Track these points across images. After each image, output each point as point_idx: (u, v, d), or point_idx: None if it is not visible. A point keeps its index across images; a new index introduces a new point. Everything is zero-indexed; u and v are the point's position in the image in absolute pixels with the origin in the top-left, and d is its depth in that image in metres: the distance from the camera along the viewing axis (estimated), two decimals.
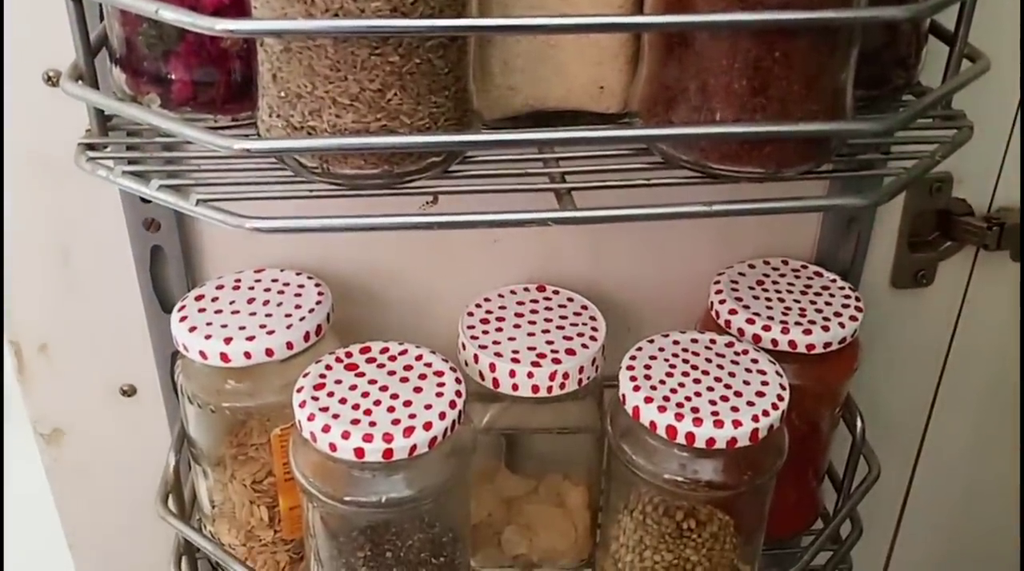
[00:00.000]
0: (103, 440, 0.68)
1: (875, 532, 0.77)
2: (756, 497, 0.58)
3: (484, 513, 0.64)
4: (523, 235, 0.64)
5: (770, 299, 0.61)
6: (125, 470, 0.68)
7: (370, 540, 0.57)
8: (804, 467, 0.65)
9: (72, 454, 0.69)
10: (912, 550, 0.80)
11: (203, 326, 0.56)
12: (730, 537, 0.59)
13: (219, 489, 0.62)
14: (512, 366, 0.56)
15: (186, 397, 0.58)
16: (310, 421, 0.51)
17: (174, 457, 0.59)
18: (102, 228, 0.60)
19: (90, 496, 0.70)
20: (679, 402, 0.53)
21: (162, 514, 0.57)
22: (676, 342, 0.58)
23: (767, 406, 0.53)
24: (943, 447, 0.75)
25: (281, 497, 0.59)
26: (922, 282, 0.69)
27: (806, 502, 0.67)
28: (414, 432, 0.50)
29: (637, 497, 0.59)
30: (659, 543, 0.58)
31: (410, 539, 0.57)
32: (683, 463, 0.54)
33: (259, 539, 0.61)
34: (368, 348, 0.56)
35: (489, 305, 0.62)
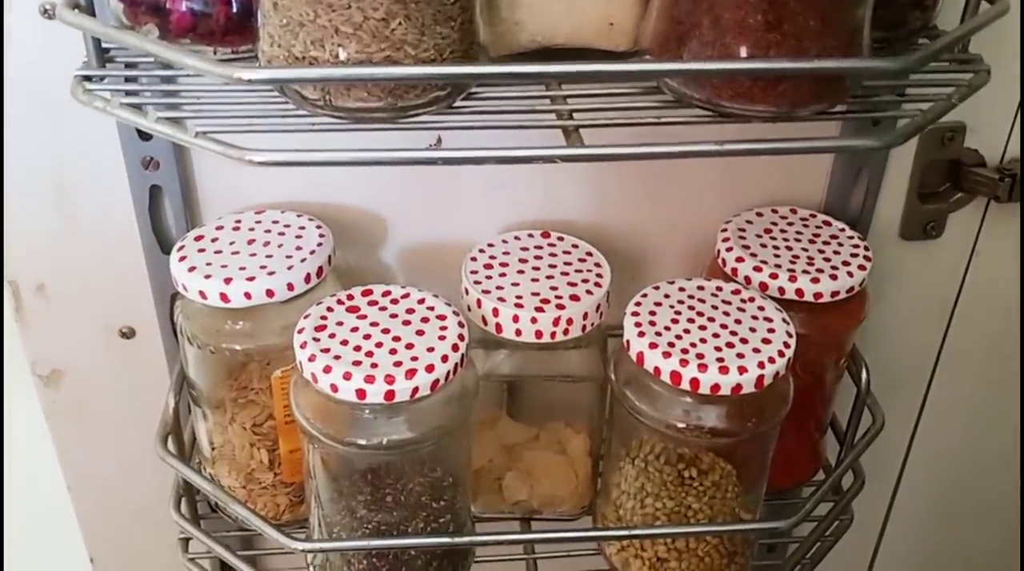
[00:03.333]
0: (102, 382, 0.68)
1: (877, 484, 0.76)
2: (759, 445, 0.58)
3: (485, 459, 0.64)
4: (527, 181, 0.63)
5: (777, 247, 0.60)
6: (124, 412, 0.68)
7: (371, 484, 0.56)
8: (808, 418, 0.65)
9: (71, 396, 0.68)
10: (914, 503, 0.80)
11: (203, 266, 0.55)
12: (732, 486, 0.59)
13: (219, 432, 0.61)
14: (515, 312, 0.56)
15: (185, 338, 0.57)
16: (311, 362, 0.50)
17: (173, 399, 0.58)
18: (100, 167, 0.59)
19: (89, 439, 0.70)
20: (684, 348, 0.52)
21: (161, 454, 0.57)
22: (682, 289, 0.57)
23: (773, 353, 0.52)
24: (947, 400, 0.74)
25: (281, 440, 0.59)
26: (931, 234, 0.68)
27: (809, 453, 0.67)
28: (416, 374, 0.50)
29: (639, 444, 0.58)
30: (660, 490, 0.58)
31: (411, 483, 0.57)
32: (687, 409, 0.53)
33: (259, 482, 0.61)
34: (370, 291, 0.55)
35: (493, 251, 0.61)
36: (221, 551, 0.58)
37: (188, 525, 0.60)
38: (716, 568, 0.59)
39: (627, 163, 0.63)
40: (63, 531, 0.76)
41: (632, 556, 0.59)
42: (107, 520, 0.74)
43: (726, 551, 0.59)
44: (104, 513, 0.73)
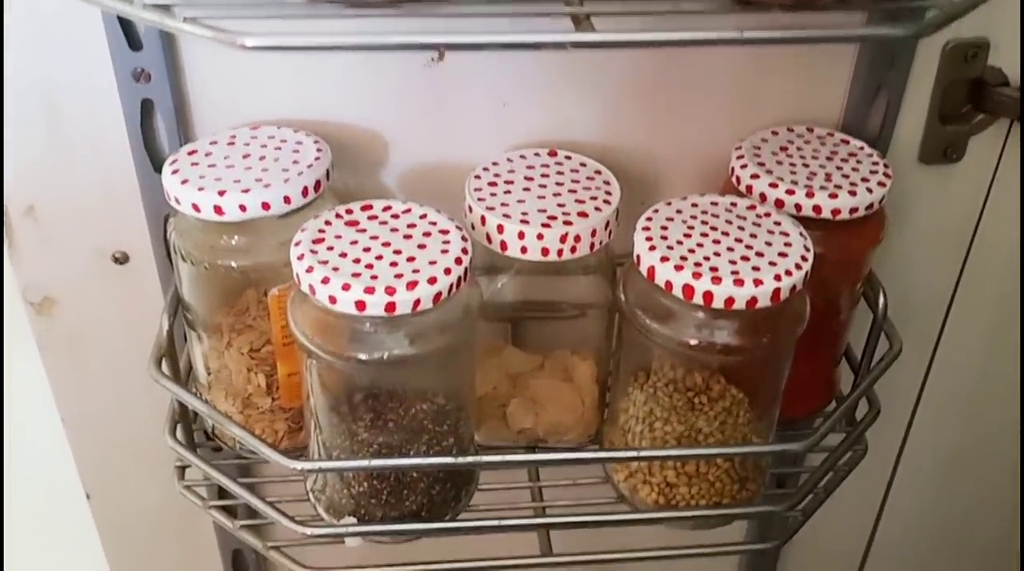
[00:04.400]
0: (95, 310, 0.66)
1: (892, 417, 0.74)
2: (772, 367, 0.56)
3: (489, 387, 0.62)
4: (533, 99, 0.61)
5: (794, 164, 0.58)
6: (119, 341, 0.66)
7: (371, 409, 0.55)
8: (822, 345, 0.63)
9: (64, 325, 0.66)
10: (929, 436, 0.78)
11: (196, 179, 0.53)
12: (743, 412, 0.57)
13: (215, 356, 0.60)
14: (521, 228, 0.54)
15: (179, 255, 0.55)
16: (308, 273, 0.48)
17: (167, 321, 0.57)
18: (90, 81, 0.57)
19: (83, 369, 0.68)
20: (697, 262, 0.50)
21: (155, 376, 0.55)
22: (695, 205, 0.55)
23: (790, 266, 0.50)
24: (965, 330, 0.72)
25: (279, 363, 0.57)
26: (951, 158, 0.66)
27: (822, 382, 0.65)
28: (417, 286, 0.48)
29: (649, 368, 0.56)
30: (670, 415, 0.56)
31: (413, 408, 0.55)
32: (699, 325, 0.51)
33: (256, 407, 0.59)
34: (370, 206, 0.53)
35: (497, 169, 0.59)
36: (217, 476, 0.56)
37: (183, 451, 0.58)
38: (727, 494, 0.57)
39: (638, 78, 0.60)
40: (58, 467, 0.74)
41: (640, 482, 0.58)
42: (102, 453, 0.72)
43: (737, 476, 0.57)
44: (99, 446, 0.72)
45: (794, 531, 0.59)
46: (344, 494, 0.55)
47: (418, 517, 0.55)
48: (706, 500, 0.57)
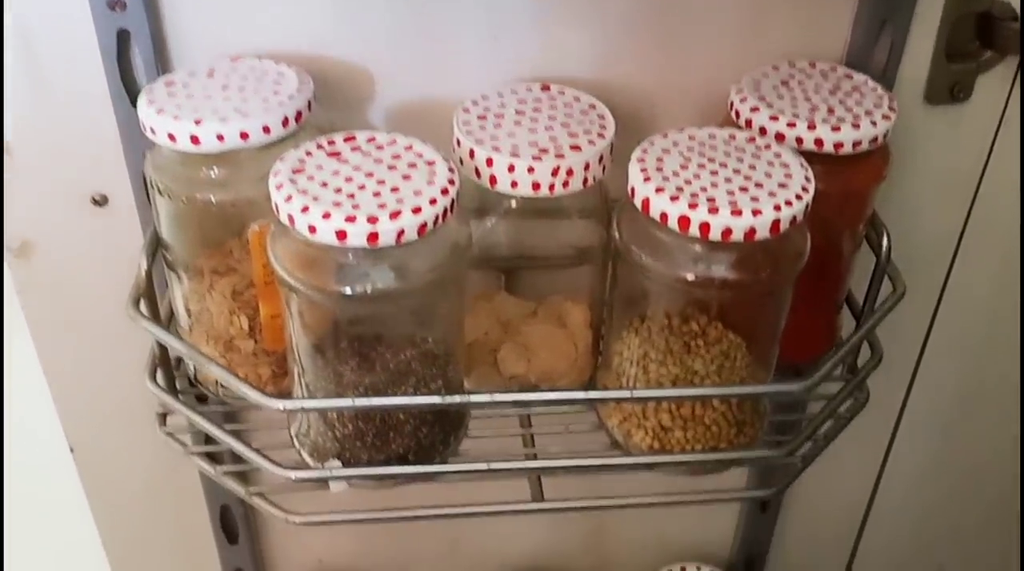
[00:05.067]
0: (75, 254, 0.64)
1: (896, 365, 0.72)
2: (771, 307, 0.54)
3: (480, 332, 0.60)
4: (525, 32, 0.59)
5: (795, 99, 0.56)
6: (99, 286, 0.64)
7: (357, 353, 0.53)
8: (823, 289, 0.61)
9: (43, 271, 0.64)
10: (933, 385, 0.75)
11: (172, 109, 0.51)
12: (741, 355, 0.56)
13: (196, 299, 0.58)
14: (511, 161, 0.52)
15: (156, 190, 0.53)
16: (288, 202, 0.46)
17: (145, 260, 0.55)
18: (63, 9, 0.55)
19: (64, 316, 0.66)
20: (694, 193, 0.48)
21: (132, 315, 0.53)
22: (692, 137, 0.53)
23: (790, 197, 0.48)
24: (971, 277, 0.70)
25: (262, 304, 0.55)
26: (958, 97, 0.64)
27: (823, 328, 0.63)
28: (401, 216, 0.46)
29: (644, 313, 0.55)
30: (665, 357, 0.54)
31: (400, 352, 0.53)
32: (696, 259, 0.49)
33: (239, 350, 0.57)
34: (353, 137, 0.51)
35: (487, 103, 0.56)
36: (199, 419, 0.55)
37: (164, 395, 0.56)
38: (723, 438, 0.55)
39: (635, 11, 0.58)
40: (42, 420, 0.73)
41: (634, 427, 0.56)
42: (85, 405, 0.71)
43: (734, 420, 0.55)
44: (82, 397, 0.70)
45: (793, 478, 0.58)
46: (328, 437, 0.54)
47: (405, 461, 0.54)
48: (702, 445, 0.55)
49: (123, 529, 0.79)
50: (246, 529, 0.78)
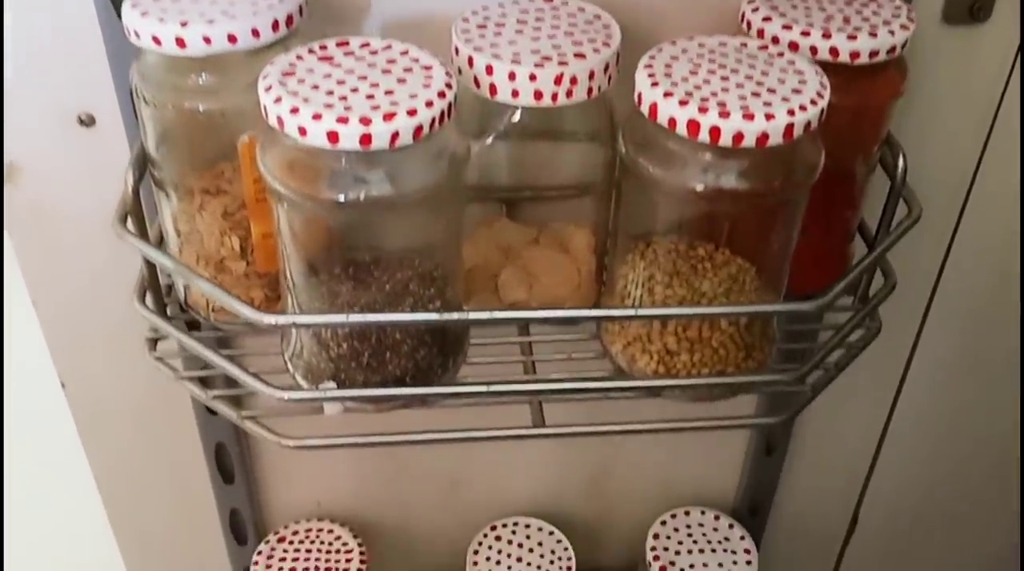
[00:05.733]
0: (62, 177, 0.62)
1: (909, 300, 0.70)
2: (782, 224, 0.52)
3: (480, 258, 0.58)
4: None
5: (809, 8, 0.53)
6: (87, 210, 0.62)
7: (352, 277, 0.51)
8: (836, 213, 0.59)
9: (29, 195, 0.62)
10: (949, 319, 0.73)
11: (157, 11, 0.48)
12: (750, 279, 0.54)
13: (185, 219, 0.56)
14: (512, 68, 0.49)
15: (142, 100, 0.51)
16: (277, 104, 0.44)
17: (132, 176, 0.52)
18: None
19: (52, 243, 0.64)
20: (704, 97, 0.46)
21: (118, 232, 0.51)
22: (702, 44, 0.50)
23: (804, 101, 0.46)
24: (989, 204, 0.68)
25: (253, 223, 0.53)
26: (978, 17, 0.61)
27: (835, 257, 0.61)
28: (396, 118, 0.44)
29: (650, 236, 0.53)
30: (672, 279, 0.53)
31: (397, 273, 0.51)
32: (706, 168, 0.47)
33: (230, 272, 0.55)
34: (346, 42, 0.49)
35: (487, 12, 0.54)
36: (188, 341, 0.53)
37: (153, 317, 0.54)
38: (731, 362, 0.53)
39: None
40: (32, 355, 0.71)
41: (639, 351, 0.54)
42: (76, 338, 0.69)
43: (743, 343, 0.53)
44: (72, 330, 0.69)
45: (802, 406, 0.56)
46: (322, 357, 0.52)
47: (401, 383, 0.52)
48: (709, 369, 0.53)
49: (117, 469, 0.77)
50: (242, 469, 0.77)
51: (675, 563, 0.79)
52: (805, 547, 0.89)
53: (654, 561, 0.79)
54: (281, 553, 0.78)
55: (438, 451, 0.80)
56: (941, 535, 0.91)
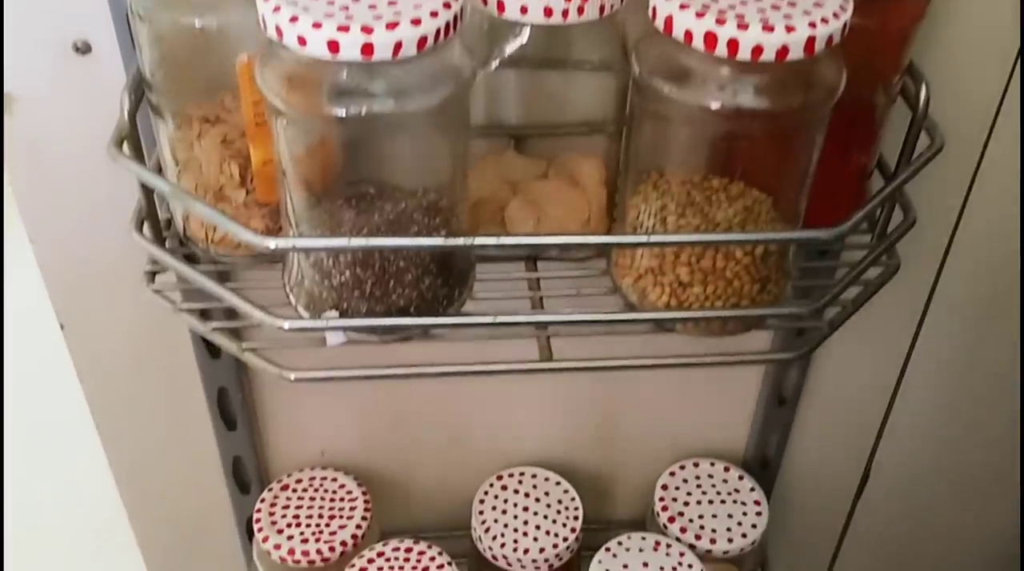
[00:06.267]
0: (59, 108, 0.60)
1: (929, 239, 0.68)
2: (799, 153, 0.50)
3: (486, 190, 0.57)
4: None
5: None
6: (84, 142, 0.60)
7: (354, 208, 0.49)
8: (854, 146, 0.57)
9: (25, 128, 0.61)
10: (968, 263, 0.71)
11: None
12: (766, 211, 0.52)
13: (183, 147, 0.54)
14: None
15: (137, 18, 0.49)
16: (275, 13, 0.42)
17: (128, 100, 0.51)
18: None
19: (47, 175, 0.63)
20: (722, 9, 0.44)
21: (114, 155, 0.49)
22: None
23: (827, 14, 0.44)
24: (1011, 147, 0.65)
25: (253, 148, 0.52)
26: None
27: (853, 192, 0.59)
28: (399, 27, 0.42)
29: (663, 167, 0.51)
30: (685, 209, 0.51)
31: (402, 202, 0.50)
32: (723, 84, 0.45)
33: (230, 201, 0.54)
34: None
35: None
36: (187, 271, 0.51)
37: (152, 246, 0.53)
38: (745, 295, 0.52)
39: None
40: (30, 296, 0.70)
41: (650, 285, 0.52)
42: (74, 277, 0.68)
43: (758, 275, 0.52)
44: (70, 268, 0.67)
45: (819, 342, 0.54)
46: (324, 286, 0.50)
47: (406, 314, 0.51)
48: (722, 302, 0.52)
49: (118, 415, 0.76)
50: (244, 415, 0.76)
51: (684, 514, 0.78)
52: (817, 500, 0.88)
53: (662, 512, 0.78)
54: (284, 500, 0.77)
55: (443, 399, 0.78)
56: (956, 489, 0.90)
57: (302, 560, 0.73)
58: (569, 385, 0.78)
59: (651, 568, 0.73)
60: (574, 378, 0.77)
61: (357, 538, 0.74)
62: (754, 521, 0.77)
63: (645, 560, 0.74)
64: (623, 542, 0.75)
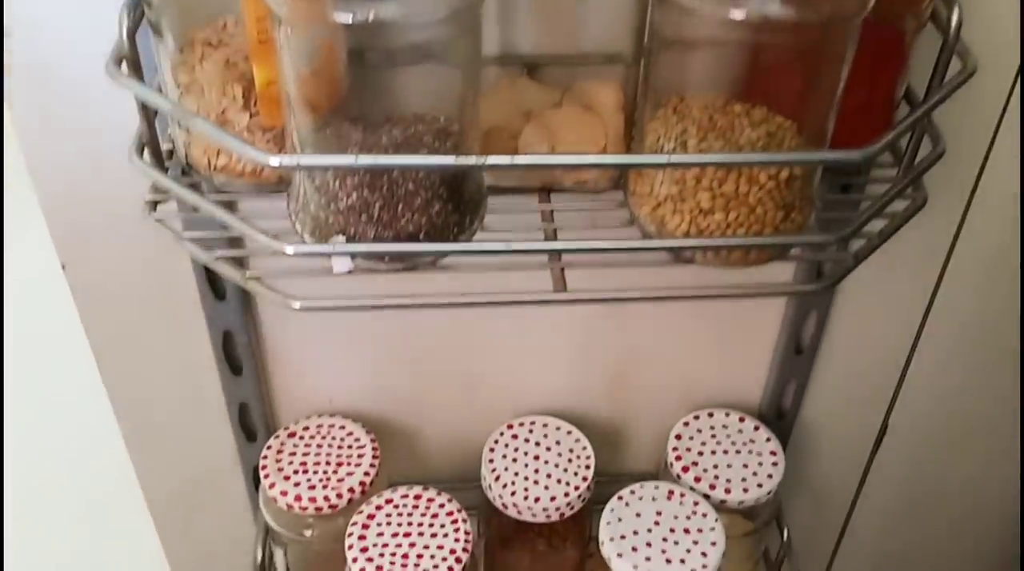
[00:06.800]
0: (57, 34, 0.58)
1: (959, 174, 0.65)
2: (824, 75, 0.48)
3: (499, 118, 0.55)
4: None
5: None
6: (85, 68, 0.58)
7: (363, 130, 0.48)
8: (881, 73, 0.54)
9: (24, 54, 0.59)
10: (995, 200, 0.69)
11: None
12: (790, 137, 0.50)
13: (185, 71, 0.52)
14: None
15: None
16: None
17: (127, 19, 0.49)
18: None
19: (48, 105, 0.61)
20: None
21: (111, 73, 0.47)
22: None
23: None
24: None
25: (256, 68, 0.50)
26: None
27: (879, 122, 0.57)
28: None
29: (684, 84, 0.49)
30: (707, 134, 0.49)
31: (411, 126, 0.48)
32: None
33: (233, 125, 0.52)
34: None
35: None
36: (189, 195, 0.50)
37: (152, 171, 0.51)
38: (769, 223, 0.50)
39: None
40: (31, 233, 0.68)
41: (669, 213, 0.51)
42: (76, 213, 0.66)
43: (782, 201, 0.50)
44: (72, 204, 0.65)
45: (844, 275, 0.52)
46: (331, 210, 0.48)
47: (415, 240, 0.49)
48: (744, 230, 0.50)
49: (121, 359, 0.74)
50: (251, 360, 0.74)
51: (698, 463, 0.76)
52: (833, 453, 0.86)
53: (676, 461, 0.76)
54: (291, 448, 0.76)
55: (454, 347, 0.77)
56: (975, 443, 0.88)
57: (309, 507, 0.72)
58: (582, 332, 0.76)
59: (664, 517, 0.72)
60: (587, 323, 0.75)
61: (365, 485, 0.73)
62: (770, 471, 0.76)
63: (658, 509, 0.72)
64: (636, 491, 0.73)
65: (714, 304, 0.75)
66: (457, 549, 0.69)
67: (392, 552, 0.68)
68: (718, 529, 0.71)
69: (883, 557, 0.97)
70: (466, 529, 0.70)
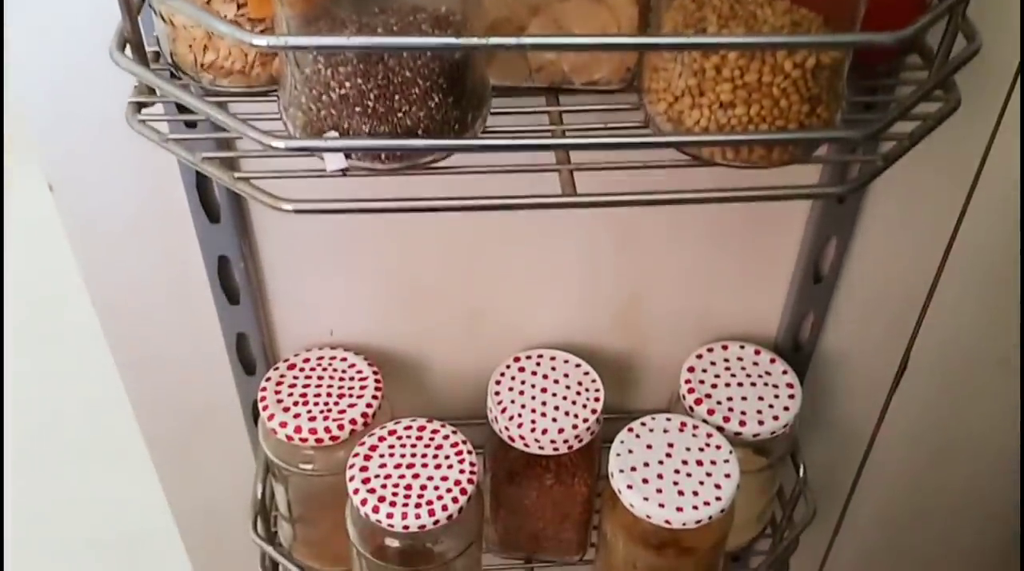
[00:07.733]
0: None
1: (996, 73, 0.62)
2: None
3: (504, 10, 0.51)
4: None
5: None
6: None
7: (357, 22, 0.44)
8: None
9: None
10: None
11: None
12: (816, 28, 0.46)
13: None
14: None
15: None
16: None
17: None
18: None
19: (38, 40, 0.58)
20: None
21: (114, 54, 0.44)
22: None
23: None
24: None
25: None
26: None
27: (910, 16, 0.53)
28: None
29: None
30: (728, 22, 0.46)
31: (409, 16, 0.45)
32: None
33: (222, 18, 0.48)
34: None
35: None
36: (174, 90, 0.47)
37: (135, 66, 0.48)
38: (793, 116, 0.46)
39: None
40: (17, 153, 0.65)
41: (687, 108, 0.47)
42: (63, 131, 0.63)
43: (807, 93, 0.46)
44: (59, 122, 0.62)
45: (872, 177, 0.49)
46: (323, 103, 0.45)
47: (413, 136, 0.46)
48: (768, 125, 0.46)
49: (113, 288, 0.72)
50: (248, 288, 0.71)
51: (711, 396, 0.73)
52: (852, 388, 0.83)
53: (688, 394, 0.73)
54: (291, 380, 0.73)
55: (458, 276, 0.74)
56: (996, 380, 0.85)
57: (309, 439, 0.69)
58: (591, 260, 0.73)
59: (677, 449, 0.69)
60: (597, 251, 0.72)
61: (368, 416, 0.71)
62: (786, 404, 0.73)
63: (671, 441, 0.69)
64: (647, 423, 0.71)
65: (729, 229, 0.72)
66: (462, 480, 0.66)
67: (395, 484, 0.66)
68: (732, 461, 0.68)
69: (901, 497, 0.94)
70: (471, 460, 0.67)
